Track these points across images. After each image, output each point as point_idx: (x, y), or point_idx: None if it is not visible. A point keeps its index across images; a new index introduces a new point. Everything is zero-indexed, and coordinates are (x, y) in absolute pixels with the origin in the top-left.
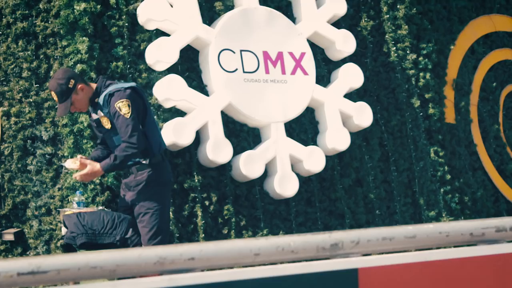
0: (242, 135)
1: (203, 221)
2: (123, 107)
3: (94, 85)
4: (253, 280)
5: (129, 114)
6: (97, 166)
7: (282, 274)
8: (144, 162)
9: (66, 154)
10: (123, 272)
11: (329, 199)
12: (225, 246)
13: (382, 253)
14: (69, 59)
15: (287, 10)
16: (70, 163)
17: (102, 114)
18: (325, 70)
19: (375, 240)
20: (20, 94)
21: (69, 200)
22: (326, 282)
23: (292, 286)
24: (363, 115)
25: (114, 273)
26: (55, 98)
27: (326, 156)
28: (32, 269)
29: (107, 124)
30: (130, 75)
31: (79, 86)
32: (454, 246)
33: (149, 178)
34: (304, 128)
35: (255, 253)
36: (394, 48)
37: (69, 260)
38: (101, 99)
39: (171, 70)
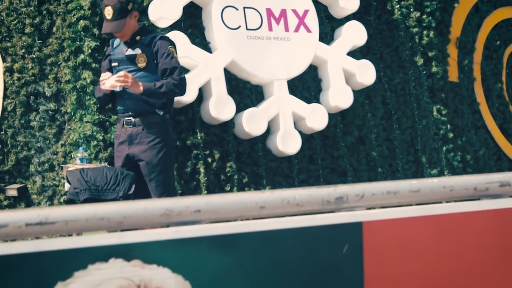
0: (245, 92)
1: (206, 178)
2: (174, 52)
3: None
4: (258, 232)
5: (178, 60)
6: (139, 82)
7: (287, 227)
8: (159, 113)
9: (69, 110)
10: (129, 223)
11: (331, 157)
12: (231, 199)
13: (387, 207)
14: (72, 15)
15: None
16: (109, 82)
17: (139, 52)
18: (328, 27)
19: (380, 194)
20: (23, 50)
21: (72, 156)
22: (331, 235)
23: (297, 239)
24: (366, 73)
25: (121, 224)
26: (109, 14)
27: (329, 114)
28: (40, 220)
29: (142, 62)
30: None
31: (135, 13)
32: (458, 201)
33: (161, 134)
34: (307, 85)
35: (260, 206)
36: (398, 6)
37: (77, 212)
38: (146, 38)
39: (174, 26)
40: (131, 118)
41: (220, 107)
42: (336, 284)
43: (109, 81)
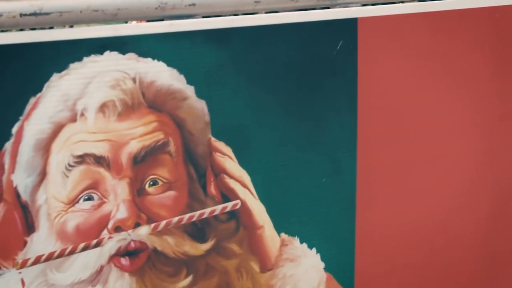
0: None
1: None
2: None
3: None
4: (253, 27)
5: None
6: None
7: (282, 22)
8: None
9: None
10: (124, 16)
11: None
12: None
13: (382, 4)
14: None
15: None
16: None
17: None
18: None
19: None
20: None
21: None
22: (326, 30)
23: (292, 34)
24: None
25: (115, 17)
26: None
27: None
28: (35, 10)
29: None
30: None
31: None
32: None
33: None
34: None
35: (255, 0)
36: None
37: (72, 2)
38: None
39: None
40: None
41: None
42: (329, 80)
43: None
